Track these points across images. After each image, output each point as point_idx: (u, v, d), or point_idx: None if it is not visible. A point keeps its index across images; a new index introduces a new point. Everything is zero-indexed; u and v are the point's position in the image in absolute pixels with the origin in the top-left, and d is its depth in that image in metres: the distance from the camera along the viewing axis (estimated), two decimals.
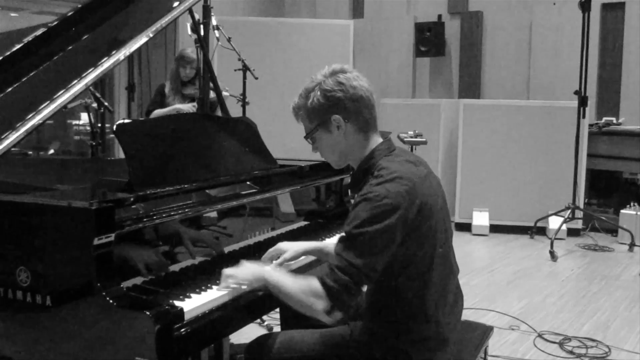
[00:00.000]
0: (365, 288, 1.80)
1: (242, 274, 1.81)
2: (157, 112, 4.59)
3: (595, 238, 5.90)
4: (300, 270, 2.12)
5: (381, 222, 1.64)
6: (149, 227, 1.77)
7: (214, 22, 3.96)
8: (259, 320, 3.27)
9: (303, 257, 2.14)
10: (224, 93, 4.74)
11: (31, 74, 2.17)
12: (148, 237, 1.79)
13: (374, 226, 1.64)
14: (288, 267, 2.08)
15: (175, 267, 1.86)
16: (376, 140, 1.86)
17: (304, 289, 1.70)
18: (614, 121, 6.27)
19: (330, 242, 2.26)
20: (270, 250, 2.09)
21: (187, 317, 1.62)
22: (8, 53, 2.20)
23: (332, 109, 1.80)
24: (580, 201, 5.81)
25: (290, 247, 2.07)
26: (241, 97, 4.79)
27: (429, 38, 7.33)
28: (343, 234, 1.71)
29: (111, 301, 1.53)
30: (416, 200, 1.70)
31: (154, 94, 4.95)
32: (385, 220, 1.65)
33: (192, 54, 4.62)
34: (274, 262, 2.05)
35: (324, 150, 1.89)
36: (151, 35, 2.25)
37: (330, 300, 1.66)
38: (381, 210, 1.65)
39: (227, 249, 2.09)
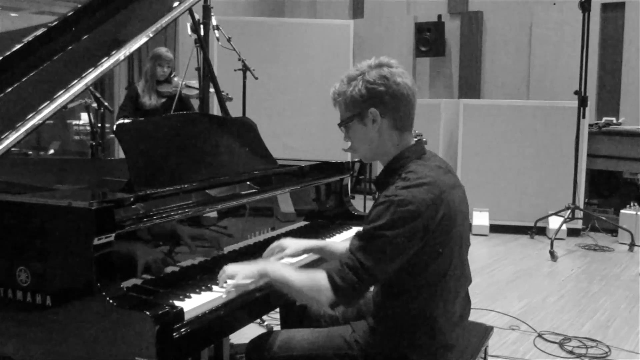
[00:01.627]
0: (372, 289, 1.79)
1: (245, 271, 1.79)
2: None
3: (595, 238, 5.90)
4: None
5: (401, 228, 1.62)
6: (149, 227, 1.77)
7: (214, 22, 3.97)
8: (259, 320, 3.27)
9: (304, 255, 2.14)
10: (190, 84, 4.75)
11: (31, 74, 2.17)
12: (148, 237, 1.79)
13: (393, 231, 1.62)
14: (288, 264, 2.08)
15: (175, 267, 1.86)
16: (409, 140, 1.82)
17: (309, 282, 1.70)
18: (614, 121, 6.27)
19: (332, 242, 2.26)
20: (272, 245, 2.08)
21: (187, 317, 1.62)
22: (8, 53, 2.20)
23: (371, 101, 1.75)
24: (580, 201, 5.81)
25: (291, 244, 2.07)
26: (223, 93, 4.80)
27: (429, 38, 7.33)
28: (360, 230, 1.70)
29: (111, 301, 1.53)
30: (440, 210, 1.67)
31: (125, 99, 5.01)
32: (406, 226, 1.62)
33: (168, 52, 4.86)
34: (275, 256, 2.05)
35: (355, 142, 1.85)
36: (151, 35, 2.24)
37: (335, 295, 1.66)
38: (403, 215, 1.62)
39: (227, 249, 2.09)
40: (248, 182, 2.28)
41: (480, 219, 6.08)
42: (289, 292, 1.76)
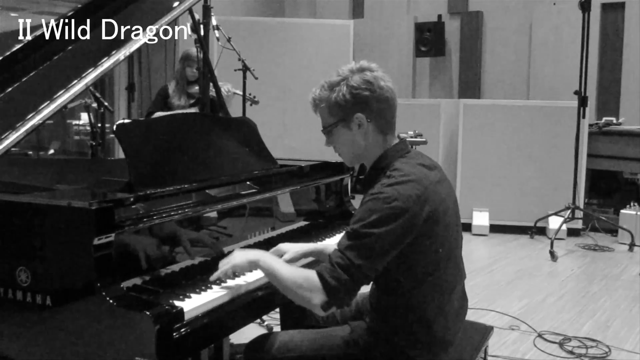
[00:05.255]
0: (363, 288, 1.80)
1: (236, 259, 1.81)
2: (158, 115, 4.60)
3: (595, 238, 5.90)
4: None
5: (388, 225, 1.63)
6: (149, 227, 1.77)
7: (214, 22, 3.97)
8: (259, 320, 3.27)
9: (303, 260, 2.14)
10: (234, 91, 4.78)
11: (31, 74, 2.17)
12: (148, 237, 1.79)
13: (381, 228, 1.63)
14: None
15: (175, 267, 1.86)
16: (392, 141, 1.85)
17: (301, 281, 1.69)
18: (614, 121, 6.27)
19: (331, 244, 2.26)
20: (271, 250, 2.09)
21: (187, 317, 1.62)
22: (8, 53, 2.20)
23: (357, 106, 1.77)
24: (580, 201, 5.81)
25: (290, 248, 2.07)
26: (251, 96, 4.83)
27: (429, 38, 7.33)
28: (348, 229, 1.70)
29: (111, 301, 1.53)
30: (426, 206, 1.68)
31: (156, 96, 4.97)
32: (393, 223, 1.64)
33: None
34: None
35: (339, 146, 1.86)
36: (151, 35, 2.25)
37: (327, 296, 1.65)
38: (390, 212, 1.64)
39: (227, 249, 2.08)
40: (248, 182, 2.28)
41: (480, 219, 6.08)
42: (278, 286, 1.74)
